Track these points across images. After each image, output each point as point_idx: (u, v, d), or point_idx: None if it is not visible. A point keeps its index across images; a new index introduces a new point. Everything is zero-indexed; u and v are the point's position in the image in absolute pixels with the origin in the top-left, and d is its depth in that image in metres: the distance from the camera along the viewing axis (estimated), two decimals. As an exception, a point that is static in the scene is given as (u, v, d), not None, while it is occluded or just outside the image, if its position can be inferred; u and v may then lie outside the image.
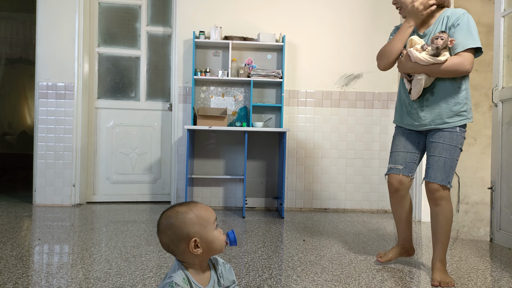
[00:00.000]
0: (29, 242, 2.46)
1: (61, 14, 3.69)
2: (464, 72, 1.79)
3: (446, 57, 1.79)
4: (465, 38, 1.78)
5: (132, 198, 4.01)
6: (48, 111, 3.71)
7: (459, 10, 1.86)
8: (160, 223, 1.11)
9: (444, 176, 1.86)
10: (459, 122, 1.85)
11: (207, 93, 3.85)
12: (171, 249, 1.11)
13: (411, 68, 1.88)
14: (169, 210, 1.12)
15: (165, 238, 1.10)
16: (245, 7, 3.84)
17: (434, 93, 1.89)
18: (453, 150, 1.86)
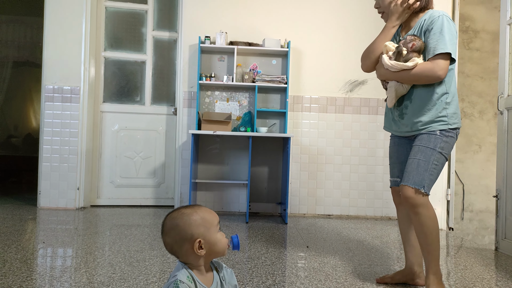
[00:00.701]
0: (33, 245, 2.47)
1: (68, 18, 3.73)
2: (435, 79, 1.69)
3: (414, 62, 1.70)
4: (436, 42, 1.68)
5: (136, 202, 4.02)
6: (54, 115, 3.73)
7: (436, 12, 1.75)
8: (165, 224, 1.14)
9: (418, 179, 1.71)
10: (438, 127, 1.73)
11: (211, 98, 3.87)
12: (174, 250, 1.13)
13: (384, 75, 1.83)
14: (174, 211, 1.15)
15: (169, 238, 1.12)
16: (250, 13, 3.86)
17: (412, 100, 1.79)
18: (429, 153, 1.72)
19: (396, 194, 1.96)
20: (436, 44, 1.68)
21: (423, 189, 1.70)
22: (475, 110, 4.18)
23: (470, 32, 4.21)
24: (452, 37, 1.69)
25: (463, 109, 4.19)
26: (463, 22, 4.19)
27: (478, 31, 4.19)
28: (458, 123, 1.76)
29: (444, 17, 1.72)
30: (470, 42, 4.21)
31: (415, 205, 1.71)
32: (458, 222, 4.12)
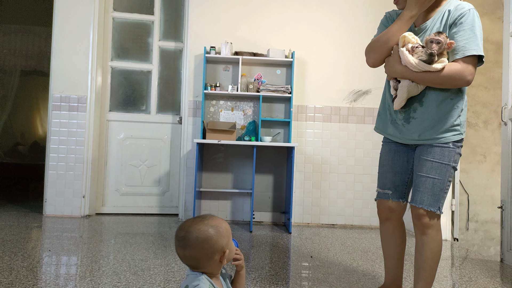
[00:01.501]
0: (39, 253, 2.49)
1: (76, 28, 3.80)
2: (464, 84, 1.48)
3: (443, 64, 1.47)
4: (467, 42, 1.45)
5: (140, 210, 4.04)
6: (61, 123, 3.78)
7: (465, 4, 1.51)
8: (189, 238, 1.10)
9: (433, 200, 1.55)
10: (452, 138, 1.54)
11: (216, 107, 3.90)
12: (200, 262, 1.11)
13: (400, 73, 1.55)
14: (198, 224, 1.12)
15: (197, 252, 1.10)
16: (255, 24, 3.91)
17: (423, 102, 1.57)
18: (444, 169, 1.55)
19: (384, 208, 1.75)
20: (467, 43, 1.45)
21: (438, 210, 1.56)
22: (480, 120, 4.18)
23: (473, 43, 4.23)
24: (481, 36, 1.49)
25: (468, 119, 4.19)
26: (467, 32, 4.21)
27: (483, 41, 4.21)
28: (465, 132, 1.61)
29: (474, 12, 1.49)
30: (474, 53, 4.22)
31: (426, 226, 1.58)
32: (463, 232, 4.10)
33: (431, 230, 1.57)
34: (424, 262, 1.58)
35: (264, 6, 3.92)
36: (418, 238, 1.61)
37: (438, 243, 1.59)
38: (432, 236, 1.58)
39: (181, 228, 1.13)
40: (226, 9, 3.88)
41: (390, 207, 1.74)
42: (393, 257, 1.77)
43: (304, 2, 3.95)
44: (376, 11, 3.95)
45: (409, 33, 1.55)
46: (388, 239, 1.78)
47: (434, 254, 1.58)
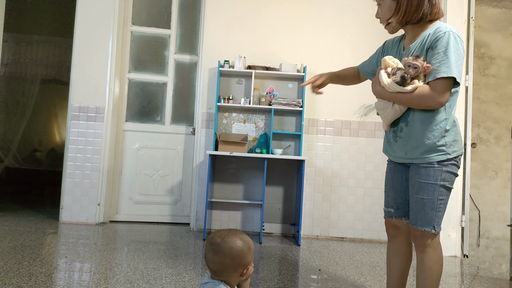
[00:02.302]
0: (56, 259, 2.58)
1: (96, 41, 3.94)
2: (436, 105, 1.50)
3: (413, 86, 1.52)
4: (439, 65, 1.48)
5: (153, 218, 4.13)
6: (79, 132, 3.91)
7: (443, 27, 1.54)
8: (224, 246, 1.22)
9: (426, 219, 1.58)
10: (436, 158, 1.56)
11: (229, 119, 3.99)
12: (227, 271, 1.22)
13: (378, 92, 1.64)
14: (234, 236, 1.24)
15: (227, 260, 1.21)
16: (268, 38, 4.00)
17: (408, 122, 1.61)
18: (432, 189, 1.57)
19: (390, 226, 1.80)
20: (439, 66, 1.49)
21: (433, 229, 1.59)
22: (491, 136, 4.17)
23: (486, 59, 4.25)
24: (458, 58, 1.49)
25: (479, 134, 4.19)
26: (479, 48, 4.23)
27: (494, 58, 4.23)
28: (458, 151, 1.59)
29: (451, 33, 1.50)
30: (486, 68, 4.24)
31: (423, 245, 1.62)
32: (474, 249, 4.08)
33: (428, 248, 1.61)
34: (425, 279, 1.61)
35: (277, 22, 4.02)
36: (418, 256, 1.65)
37: (437, 261, 1.61)
38: (431, 255, 1.61)
39: (217, 236, 1.25)
40: (240, 24, 3.99)
41: (395, 225, 1.78)
42: (397, 274, 1.79)
43: (316, 18, 4.03)
44: (388, 27, 4.01)
45: (389, 57, 1.62)
46: (393, 256, 1.81)
47: (434, 272, 1.60)
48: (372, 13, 4.04)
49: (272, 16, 4.02)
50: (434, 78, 1.50)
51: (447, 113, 1.57)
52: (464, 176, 3.54)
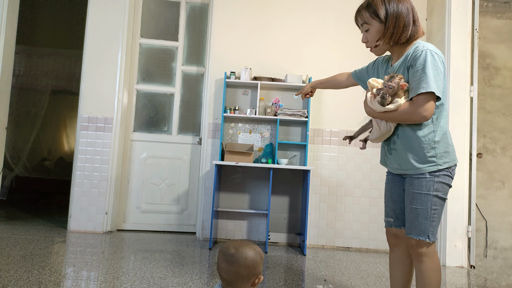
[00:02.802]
0: (65, 268, 2.62)
1: (106, 53, 4.04)
2: (421, 119, 1.58)
3: (395, 104, 1.62)
4: (418, 82, 1.56)
5: (159, 227, 4.17)
6: (88, 142, 3.98)
7: (421, 46, 1.62)
8: (239, 256, 1.26)
9: (421, 229, 1.63)
10: (427, 169, 1.62)
11: (235, 129, 4.04)
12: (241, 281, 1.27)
13: (369, 113, 1.74)
14: (247, 246, 1.29)
15: (242, 270, 1.26)
16: (274, 50, 4.07)
17: (399, 135, 1.70)
18: (425, 199, 1.63)
19: (390, 235, 1.86)
20: (418, 83, 1.57)
21: (428, 238, 1.63)
22: (497, 146, 4.17)
23: (491, 69, 4.26)
24: (437, 73, 1.57)
25: (485, 144, 4.19)
26: (484, 59, 4.25)
27: (499, 68, 4.24)
28: (450, 161, 1.65)
29: (428, 51, 1.58)
30: (491, 79, 4.25)
31: (419, 254, 1.66)
32: (481, 259, 4.04)
33: (425, 258, 1.65)
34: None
35: (282, 34, 4.08)
36: (416, 265, 1.70)
37: (434, 270, 1.65)
38: (428, 263, 1.64)
39: (231, 246, 1.29)
40: (246, 36, 4.06)
41: (395, 234, 1.83)
42: (399, 282, 1.83)
43: (321, 31, 4.09)
44: (392, 38, 4.05)
45: (373, 79, 1.73)
46: (395, 265, 1.85)
47: (432, 280, 1.64)
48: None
49: (278, 28, 4.09)
50: (415, 94, 1.58)
51: (434, 125, 1.64)
52: (470, 186, 3.53)
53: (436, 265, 1.66)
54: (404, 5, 1.66)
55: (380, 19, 1.68)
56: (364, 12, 1.73)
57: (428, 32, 4.06)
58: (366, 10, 1.73)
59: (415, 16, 1.68)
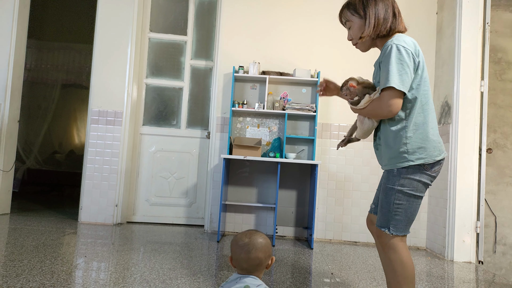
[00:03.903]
0: (76, 258, 2.68)
1: (115, 47, 4.07)
2: (388, 114, 1.59)
3: (363, 101, 1.68)
4: (383, 78, 1.58)
5: (168, 220, 4.22)
6: (98, 136, 4.03)
7: (390, 41, 1.62)
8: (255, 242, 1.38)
9: (383, 220, 1.65)
10: (397, 164, 1.63)
11: (243, 123, 4.06)
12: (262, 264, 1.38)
13: (353, 112, 1.81)
14: (256, 234, 1.42)
15: (261, 254, 1.37)
16: (282, 44, 4.06)
17: (381, 132, 1.73)
18: (389, 192, 1.64)
19: (369, 220, 1.91)
20: (383, 79, 1.58)
21: (388, 230, 1.63)
22: (508, 141, 4.12)
23: (502, 64, 4.20)
24: (402, 67, 1.56)
25: (495, 140, 4.14)
26: (495, 53, 4.20)
27: (511, 63, 4.18)
28: (426, 158, 1.60)
29: (394, 46, 1.58)
30: (502, 74, 4.19)
31: (383, 245, 1.67)
32: (490, 255, 4.02)
33: (387, 249, 1.65)
34: (391, 280, 1.66)
35: (291, 28, 4.07)
36: (382, 255, 1.74)
37: (398, 262, 1.62)
38: (391, 256, 1.64)
39: (243, 237, 1.40)
40: (254, 30, 4.06)
41: (371, 220, 1.89)
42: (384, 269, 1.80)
43: (330, 25, 4.07)
44: (402, 32, 4.02)
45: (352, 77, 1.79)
46: (380, 252, 1.83)
47: (397, 272, 1.62)
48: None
49: (287, 22, 4.08)
50: (379, 90, 1.63)
51: (407, 120, 1.63)
52: (480, 181, 3.51)
53: (401, 259, 1.62)
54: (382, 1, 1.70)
55: (359, 15, 1.73)
56: (346, 11, 1.79)
57: (439, 26, 4.02)
58: (347, 8, 1.78)
59: (395, 10, 1.71)
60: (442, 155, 1.63)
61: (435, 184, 3.77)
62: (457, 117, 3.51)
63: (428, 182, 1.64)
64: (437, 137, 1.64)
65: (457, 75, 3.55)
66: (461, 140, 3.48)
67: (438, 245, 3.65)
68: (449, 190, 3.51)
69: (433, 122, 1.65)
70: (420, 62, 1.62)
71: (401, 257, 1.62)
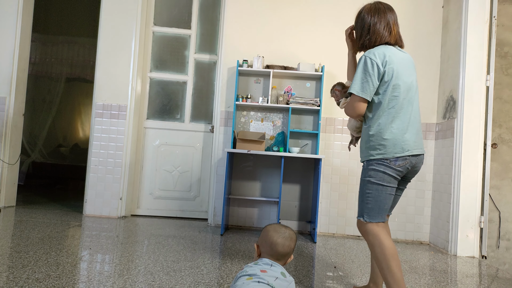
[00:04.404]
0: (81, 251, 2.71)
1: (120, 41, 4.07)
2: (353, 116, 1.93)
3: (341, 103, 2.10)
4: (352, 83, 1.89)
5: (172, 213, 4.25)
6: (102, 129, 4.05)
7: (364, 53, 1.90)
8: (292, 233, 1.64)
9: (359, 209, 1.91)
10: (364, 158, 1.92)
11: (247, 117, 4.05)
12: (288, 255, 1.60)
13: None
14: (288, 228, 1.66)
15: (293, 244, 1.61)
16: (286, 38, 4.05)
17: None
18: (362, 184, 1.90)
19: None
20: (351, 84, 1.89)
21: (362, 218, 1.87)
22: (513, 136, 4.09)
23: (509, 58, 4.16)
24: (364, 76, 1.81)
25: (500, 135, 4.12)
26: (502, 47, 4.16)
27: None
28: (386, 153, 1.82)
29: (363, 57, 1.85)
30: (509, 68, 4.16)
31: (362, 233, 1.91)
32: (493, 250, 4.02)
33: (366, 235, 1.87)
34: (376, 262, 1.84)
35: (295, 22, 4.05)
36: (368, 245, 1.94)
37: (377, 246, 1.81)
38: (369, 241, 1.85)
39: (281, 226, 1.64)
40: (259, 24, 4.05)
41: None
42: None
43: (335, 19, 4.04)
44: (405, 25, 4.00)
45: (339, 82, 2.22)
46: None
47: (378, 255, 1.80)
48: (391, 12, 4.02)
49: (291, 16, 4.06)
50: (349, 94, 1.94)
51: (371, 121, 1.89)
52: (484, 176, 3.50)
53: (379, 240, 1.81)
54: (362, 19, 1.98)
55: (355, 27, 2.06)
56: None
57: (445, 20, 3.98)
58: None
59: (370, 29, 1.94)
60: (404, 153, 1.82)
61: (439, 179, 3.77)
62: (462, 112, 3.49)
63: (394, 175, 1.84)
64: (401, 137, 1.83)
65: (462, 69, 3.52)
66: (466, 135, 3.47)
67: (441, 239, 3.65)
68: (453, 185, 3.50)
69: (401, 124, 1.84)
70: (387, 72, 1.82)
71: (379, 239, 1.81)
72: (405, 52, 1.95)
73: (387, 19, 1.93)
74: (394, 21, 1.95)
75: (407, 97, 1.85)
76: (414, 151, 1.84)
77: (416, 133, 1.87)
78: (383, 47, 1.88)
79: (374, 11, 1.94)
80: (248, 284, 1.38)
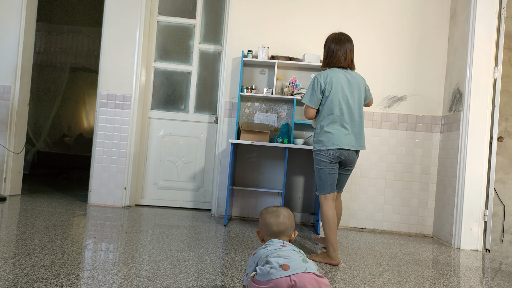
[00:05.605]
0: (86, 239, 2.73)
1: (124, 31, 4.05)
2: (307, 119, 3.01)
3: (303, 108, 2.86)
4: None
5: (176, 203, 4.27)
6: (107, 119, 4.06)
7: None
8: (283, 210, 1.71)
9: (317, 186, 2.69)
10: (313, 148, 2.65)
11: (251, 108, 4.04)
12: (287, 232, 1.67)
13: None
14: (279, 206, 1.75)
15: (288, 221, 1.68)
16: (292, 29, 4.01)
17: None
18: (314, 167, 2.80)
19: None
20: None
21: (317, 191, 2.67)
22: (520, 130, 4.05)
23: (517, 50, 4.10)
24: (311, 90, 2.59)
25: (507, 128, 4.08)
26: (510, 40, 4.10)
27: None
28: (322, 146, 2.56)
29: (313, 77, 2.62)
30: (516, 60, 4.10)
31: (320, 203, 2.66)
32: (497, 244, 4.01)
33: (320, 205, 2.63)
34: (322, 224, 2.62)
35: (300, 13, 4.01)
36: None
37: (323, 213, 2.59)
38: (321, 209, 2.62)
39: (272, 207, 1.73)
40: (264, 15, 4.01)
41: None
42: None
43: (340, 11, 4.00)
44: (412, 17, 3.95)
45: None
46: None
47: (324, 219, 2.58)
48: (395, 9, 3.97)
49: (296, 6, 4.02)
50: None
51: (317, 123, 2.65)
52: (489, 170, 3.48)
53: (323, 209, 2.60)
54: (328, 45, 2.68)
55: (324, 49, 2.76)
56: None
57: (452, 11, 3.93)
58: None
59: (329, 53, 2.65)
60: (334, 147, 2.53)
61: (444, 172, 3.75)
62: (469, 105, 3.46)
63: (326, 160, 2.57)
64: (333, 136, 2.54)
65: (469, 61, 3.48)
66: (472, 128, 3.44)
67: (445, 232, 3.64)
68: (458, 178, 3.49)
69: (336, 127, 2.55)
70: (326, 89, 2.55)
71: (323, 208, 2.59)
72: (353, 74, 2.61)
73: (345, 48, 2.59)
74: (350, 49, 2.61)
75: (344, 108, 2.53)
76: (343, 146, 2.53)
77: (349, 134, 2.55)
78: (331, 70, 2.59)
79: (337, 41, 2.61)
80: (281, 249, 1.51)
